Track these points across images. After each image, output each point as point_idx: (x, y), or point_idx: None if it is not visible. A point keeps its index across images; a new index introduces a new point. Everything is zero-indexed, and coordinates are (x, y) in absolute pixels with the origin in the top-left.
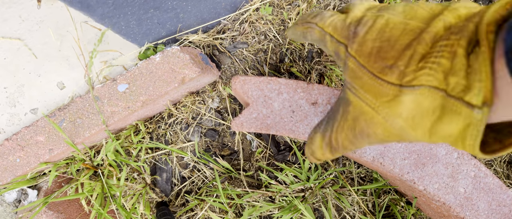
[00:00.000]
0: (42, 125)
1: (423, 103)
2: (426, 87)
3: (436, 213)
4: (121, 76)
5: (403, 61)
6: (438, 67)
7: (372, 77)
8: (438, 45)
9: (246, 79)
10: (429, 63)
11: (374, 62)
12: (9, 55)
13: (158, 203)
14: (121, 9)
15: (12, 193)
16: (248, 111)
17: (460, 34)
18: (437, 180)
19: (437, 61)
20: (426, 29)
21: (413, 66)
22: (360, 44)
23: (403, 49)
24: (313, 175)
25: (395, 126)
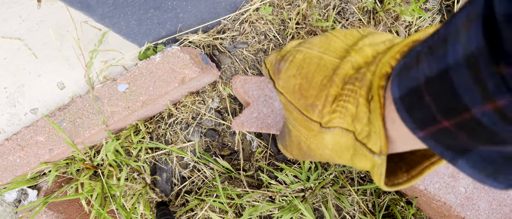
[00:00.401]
0: (42, 125)
1: (340, 141)
2: (339, 129)
3: (437, 213)
4: (121, 76)
5: (321, 101)
6: (346, 111)
7: (300, 113)
8: (346, 88)
9: (246, 78)
10: (340, 107)
11: (299, 99)
12: (9, 55)
13: (158, 203)
14: (121, 9)
15: (12, 193)
16: (248, 111)
17: (362, 82)
18: (437, 180)
19: (345, 106)
20: (336, 71)
21: (328, 107)
22: (284, 81)
23: (319, 88)
24: (313, 175)
25: (325, 154)
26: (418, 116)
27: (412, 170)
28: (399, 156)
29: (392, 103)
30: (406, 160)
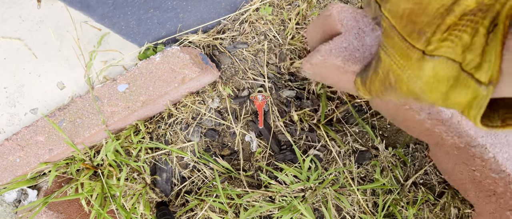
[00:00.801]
0: (42, 125)
1: (440, 71)
2: (444, 58)
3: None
4: (121, 76)
5: (431, 28)
6: (459, 41)
7: (402, 39)
8: (465, 18)
9: (344, 6)
10: (452, 35)
11: (405, 25)
12: (9, 55)
13: (158, 203)
14: (121, 9)
15: (12, 193)
16: (339, 40)
17: (486, 13)
18: (507, 150)
19: (459, 35)
20: (458, 1)
21: (438, 35)
22: (393, 4)
23: (433, 15)
24: (313, 175)
25: (415, 86)
26: None
27: (507, 120)
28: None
29: None
30: (500, 112)
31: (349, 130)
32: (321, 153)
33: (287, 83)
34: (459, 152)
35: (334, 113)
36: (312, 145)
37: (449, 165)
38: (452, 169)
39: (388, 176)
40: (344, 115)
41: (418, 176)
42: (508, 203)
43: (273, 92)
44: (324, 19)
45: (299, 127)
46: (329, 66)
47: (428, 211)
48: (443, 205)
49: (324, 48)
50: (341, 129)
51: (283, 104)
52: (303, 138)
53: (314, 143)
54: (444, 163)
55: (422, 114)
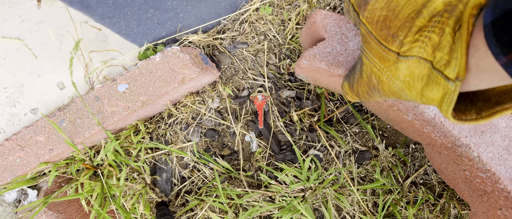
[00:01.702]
0: (42, 125)
1: (414, 71)
2: (417, 58)
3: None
4: (121, 76)
5: (403, 32)
6: (429, 41)
7: (378, 43)
8: (433, 20)
9: (328, 14)
10: (423, 37)
11: (380, 30)
12: (9, 55)
13: (158, 203)
14: (121, 9)
15: (12, 193)
16: (322, 45)
17: (451, 13)
18: (492, 150)
19: (428, 36)
20: (426, 4)
21: (410, 37)
22: (370, 12)
23: (405, 19)
24: (313, 175)
25: (395, 86)
26: (505, 39)
27: (482, 112)
28: (471, 101)
29: (480, 32)
30: (478, 105)
31: (349, 130)
32: (321, 153)
33: (287, 83)
34: (449, 152)
35: (334, 113)
36: (312, 145)
37: (443, 165)
38: (445, 169)
39: (388, 176)
40: (344, 115)
41: (418, 176)
42: (497, 202)
43: (273, 92)
44: (310, 25)
45: (299, 127)
46: (316, 70)
47: (428, 211)
48: (443, 205)
49: (309, 53)
50: (341, 129)
51: (283, 104)
52: (303, 138)
53: (314, 143)
54: (437, 163)
55: (410, 115)
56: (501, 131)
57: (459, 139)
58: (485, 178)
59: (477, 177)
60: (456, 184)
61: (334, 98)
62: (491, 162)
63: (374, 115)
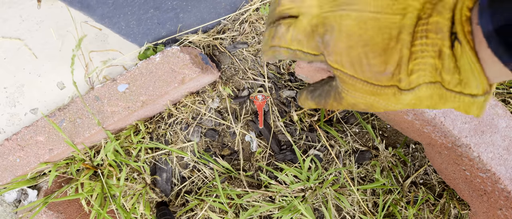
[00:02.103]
0: (42, 125)
1: (422, 95)
2: (423, 85)
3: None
4: (121, 76)
5: (393, 67)
6: (426, 66)
7: (367, 84)
8: (418, 43)
9: None
10: (418, 65)
11: (362, 72)
12: (9, 55)
13: (158, 203)
14: (121, 9)
15: (12, 193)
16: None
17: (439, 32)
18: (492, 150)
19: (424, 62)
20: (401, 29)
21: (404, 71)
22: (338, 55)
23: (386, 52)
24: (313, 175)
25: (395, 108)
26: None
27: None
28: None
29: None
30: None
31: (349, 130)
32: (321, 153)
33: (287, 83)
34: (449, 151)
35: (334, 113)
36: (312, 145)
37: (443, 165)
38: (445, 169)
39: (388, 176)
40: (344, 115)
41: (418, 176)
42: (497, 202)
43: (273, 92)
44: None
45: (299, 127)
46: (316, 69)
47: (428, 211)
48: (443, 205)
49: None
50: (341, 129)
51: (283, 104)
52: (303, 138)
53: (314, 143)
54: (437, 163)
55: (410, 115)
56: (501, 131)
57: (459, 139)
58: (485, 178)
59: (477, 177)
60: (456, 184)
61: None
62: (491, 162)
63: (374, 115)
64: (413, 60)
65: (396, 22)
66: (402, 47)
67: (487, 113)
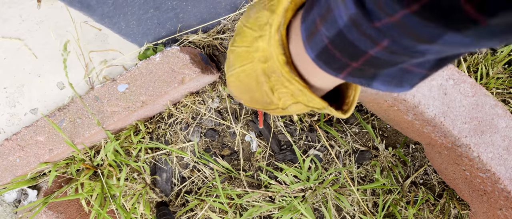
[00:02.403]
0: (42, 125)
1: (298, 107)
2: (292, 105)
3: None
4: (121, 76)
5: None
6: (284, 94)
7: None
8: (272, 80)
9: None
10: (279, 94)
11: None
12: (9, 55)
13: (158, 203)
14: (121, 9)
15: (12, 193)
16: None
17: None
18: (492, 150)
19: (280, 91)
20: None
21: (276, 99)
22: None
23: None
24: (313, 175)
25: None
26: (335, 66)
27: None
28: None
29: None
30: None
31: (349, 130)
32: (321, 153)
33: None
34: (449, 152)
35: None
36: (312, 145)
37: (443, 165)
38: (445, 169)
39: (388, 176)
40: None
41: (418, 176)
42: (497, 202)
43: None
44: None
45: (299, 127)
46: None
47: (428, 211)
48: (443, 205)
49: None
50: (341, 129)
51: None
52: (303, 138)
53: (314, 143)
54: (437, 163)
55: (410, 115)
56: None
57: (459, 139)
58: (485, 178)
59: (477, 177)
60: (456, 184)
61: None
62: (491, 162)
63: (374, 115)
64: (275, 91)
65: (253, 68)
66: (264, 85)
67: (487, 113)
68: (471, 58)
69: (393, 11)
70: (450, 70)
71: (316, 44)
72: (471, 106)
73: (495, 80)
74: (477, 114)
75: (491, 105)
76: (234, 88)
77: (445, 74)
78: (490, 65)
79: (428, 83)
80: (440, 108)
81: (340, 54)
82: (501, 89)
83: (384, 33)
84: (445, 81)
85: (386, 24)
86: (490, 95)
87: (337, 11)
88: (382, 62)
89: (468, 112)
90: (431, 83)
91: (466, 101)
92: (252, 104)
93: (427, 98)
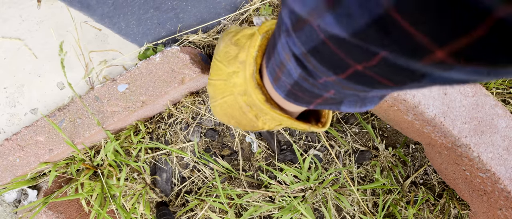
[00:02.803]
0: (42, 125)
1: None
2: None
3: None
4: (121, 76)
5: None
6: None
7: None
8: (255, 109)
9: None
10: (263, 121)
11: (245, 127)
12: (9, 55)
13: (158, 203)
14: (121, 9)
15: (12, 193)
16: None
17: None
18: (492, 150)
19: (266, 118)
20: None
21: (259, 123)
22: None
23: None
24: (313, 175)
25: None
26: (303, 101)
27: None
28: None
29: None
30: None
31: (349, 130)
32: (321, 153)
33: None
34: (449, 152)
35: (334, 113)
36: (312, 145)
37: (443, 165)
38: (445, 169)
39: (388, 176)
40: (344, 115)
41: (418, 176)
42: (497, 202)
43: None
44: None
45: None
46: None
47: (428, 211)
48: (443, 205)
49: None
50: (341, 129)
51: None
52: (303, 138)
53: (314, 143)
54: (437, 163)
55: (410, 115)
56: (501, 131)
57: (459, 139)
58: (485, 178)
59: (477, 177)
60: (456, 184)
61: None
62: (491, 162)
63: (374, 115)
64: (259, 118)
65: (234, 100)
66: (248, 113)
67: (487, 113)
68: None
69: (328, 75)
70: None
71: (281, 87)
72: (471, 106)
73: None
74: (477, 114)
75: (491, 105)
76: (220, 116)
77: None
78: None
79: None
80: (440, 108)
81: (303, 95)
82: (501, 89)
83: (328, 86)
84: None
85: (326, 82)
86: (490, 95)
87: (289, 66)
88: (339, 99)
89: (468, 112)
90: None
91: (466, 101)
92: (241, 127)
93: (427, 98)
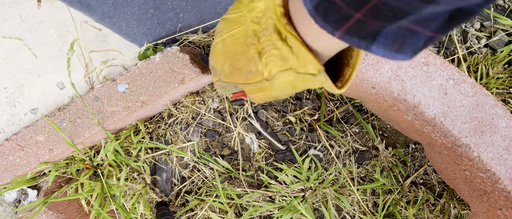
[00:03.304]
0: (42, 125)
1: (285, 79)
2: (279, 72)
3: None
4: (121, 76)
5: (253, 64)
6: (274, 57)
7: (244, 84)
8: (263, 42)
9: None
10: (268, 57)
11: (239, 78)
12: (9, 55)
13: (158, 203)
14: (121, 9)
15: (12, 193)
16: None
17: (269, 31)
18: (492, 150)
19: (270, 54)
20: (247, 34)
21: (261, 64)
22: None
23: (245, 55)
24: (313, 175)
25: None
26: (333, 18)
27: (342, 78)
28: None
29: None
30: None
31: (349, 130)
32: (321, 153)
33: None
34: (449, 152)
35: (334, 113)
36: (312, 145)
37: (443, 165)
38: (445, 169)
39: (388, 176)
40: (344, 115)
41: (418, 176)
42: (497, 202)
43: None
44: None
45: (298, 127)
46: None
47: (428, 211)
48: (443, 205)
49: None
50: (341, 129)
51: (283, 104)
52: (303, 138)
53: (314, 143)
54: (437, 163)
55: (410, 115)
56: (501, 131)
57: (459, 139)
58: (485, 178)
59: (477, 177)
60: (456, 184)
61: (334, 98)
62: (491, 162)
63: (374, 115)
64: (263, 55)
65: (243, 31)
66: (252, 49)
67: (487, 113)
68: (471, 58)
69: None
70: (450, 70)
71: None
72: (471, 106)
73: (495, 80)
74: (477, 114)
75: (491, 105)
76: (217, 57)
77: (445, 74)
78: (490, 65)
79: (428, 83)
80: (440, 108)
81: (342, 1)
82: (501, 89)
83: None
84: (445, 81)
85: None
86: (490, 95)
87: None
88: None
89: (468, 112)
90: (431, 83)
91: (466, 101)
92: (233, 76)
93: (427, 98)
